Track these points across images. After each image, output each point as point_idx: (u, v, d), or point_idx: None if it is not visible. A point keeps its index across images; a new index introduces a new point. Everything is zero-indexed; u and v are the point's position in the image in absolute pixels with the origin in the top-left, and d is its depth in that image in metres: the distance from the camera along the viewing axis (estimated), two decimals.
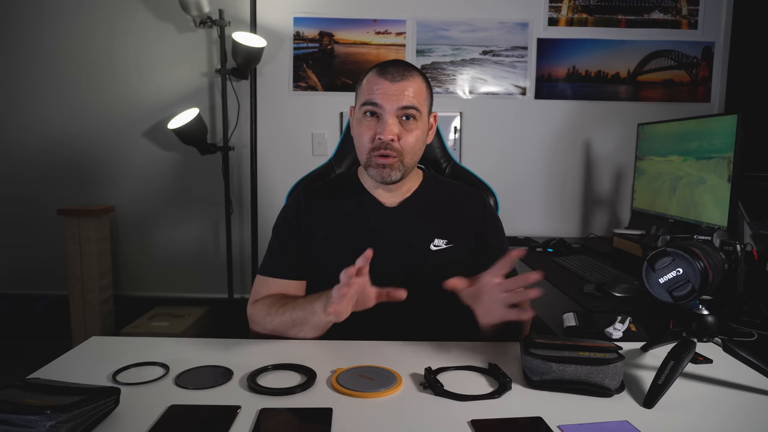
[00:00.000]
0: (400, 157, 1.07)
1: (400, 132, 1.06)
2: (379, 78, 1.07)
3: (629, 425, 0.71)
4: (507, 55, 2.59)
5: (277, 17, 2.55)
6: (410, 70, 1.09)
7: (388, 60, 1.12)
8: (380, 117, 1.06)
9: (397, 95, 1.05)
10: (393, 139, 1.05)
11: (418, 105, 1.07)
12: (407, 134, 1.07)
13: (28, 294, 2.70)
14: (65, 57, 2.55)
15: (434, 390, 0.79)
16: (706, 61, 2.59)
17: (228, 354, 0.93)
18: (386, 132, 1.04)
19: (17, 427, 0.61)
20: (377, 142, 1.05)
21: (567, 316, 1.26)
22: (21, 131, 2.60)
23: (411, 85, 1.06)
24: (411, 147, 1.08)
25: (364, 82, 1.10)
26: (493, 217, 1.21)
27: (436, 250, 1.12)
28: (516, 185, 2.64)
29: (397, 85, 1.05)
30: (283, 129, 2.61)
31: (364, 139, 1.08)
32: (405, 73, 1.07)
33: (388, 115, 1.05)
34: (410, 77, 1.07)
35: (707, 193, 1.74)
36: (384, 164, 1.06)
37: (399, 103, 1.05)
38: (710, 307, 0.86)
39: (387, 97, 1.05)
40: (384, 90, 1.05)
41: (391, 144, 1.05)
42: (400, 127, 1.06)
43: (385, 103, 1.05)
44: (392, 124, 1.05)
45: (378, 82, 1.06)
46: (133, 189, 2.64)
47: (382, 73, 1.07)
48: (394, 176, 1.08)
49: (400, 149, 1.06)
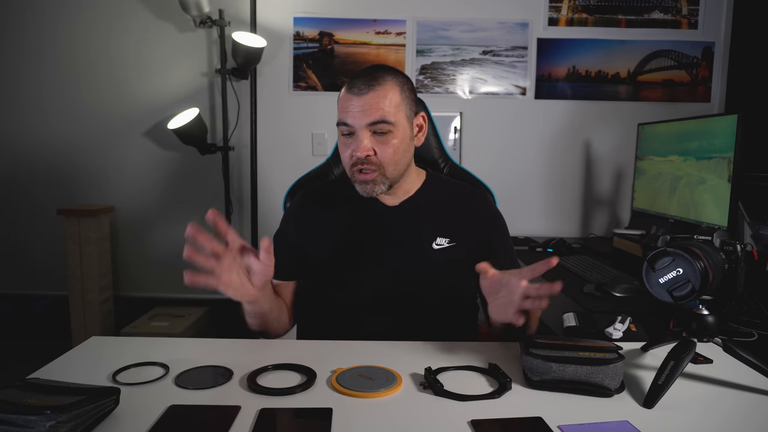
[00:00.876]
0: (380, 170, 1.05)
1: (375, 145, 1.04)
2: (347, 93, 1.05)
3: (629, 425, 0.71)
4: (507, 55, 2.59)
5: (277, 17, 2.55)
6: (378, 78, 1.04)
7: (360, 70, 1.09)
8: (354, 133, 1.05)
9: (364, 110, 1.02)
10: (369, 154, 1.04)
11: (389, 116, 1.03)
12: (383, 146, 1.04)
13: (28, 294, 2.69)
14: (65, 57, 2.55)
15: (434, 390, 0.79)
16: (706, 61, 2.59)
17: (228, 354, 0.93)
18: (360, 149, 1.03)
19: (17, 427, 0.61)
20: (354, 158, 1.05)
21: (567, 316, 1.26)
22: (21, 131, 2.60)
23: (378, 96, 1.03)
24: (390, 158, 1.05)
25: (339, 100, 1.08)
26: (498, 218, 1.21)
27: (439, 249, 1.12)
28: (516, 185, 2.64)
29: (363, 100, 1.02)
30: (283, 129, 2.61)
31: (344, 156, 1.08)
32: (372, 83, 1.03)
33: (359, 131, 1.03)
34: (378, 87, 1.03)
35: (707, 193, 1.74)
36: (365, 180, 1.06)
37: (367, 119, 1.02)
38: (710, 307, 0.86)
39: (354, 115, 1.03)
40: (351, 107, 1.03)
41: (369, 159, 1.04)
42: (374, 140, 1.04)
43: (353, 121, 1.03)
44: (365, 139, 1.03)
45: (347, 99, 1.04)
46: (133, 189, 2.64)
47: (349, 87, 1.05)
48: (378, 190, 1.07)
49: (379, 162, 1.05)
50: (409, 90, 1.09)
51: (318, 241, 1.14)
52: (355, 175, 1.07)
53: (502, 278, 0.89)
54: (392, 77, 1.06)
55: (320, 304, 1.16)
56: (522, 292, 0.85)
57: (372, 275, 1.11)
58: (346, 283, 1.12)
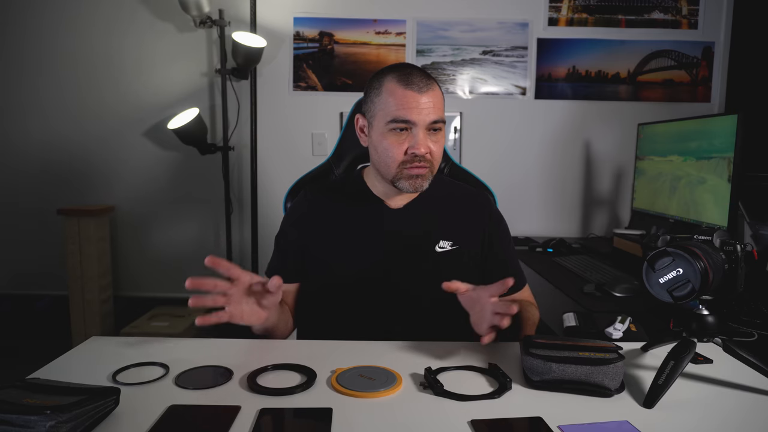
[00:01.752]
0: (431, 167, 1.07)
1: (430, 143, 1.06)
2: (405, 89, 1.04)
3: (629, 425, 0.71)
4: (507, 55, 2.59)
5: (277, 17, 2.55)
6: (430, 78, 1.07)
7: (404, 65, 1.08)
8: (410, 131, 1.05)
9: (427, 109, 1.04)
10: (427, 152, 1.05)
11: (443, 117, 1.07)
12: (435, 145, 1.07)
13: (28, 294, 2.69)
14: (65, 57, 2.55)
15: (434, 390, 0.79)
16: (706, 61, 2.59)
17: (228, 354, 0.93)
18: (420, 146, 1.04)
19: (17, 427, 0.61)
20: (409, 156, 1.05)
21: (567, 316, 1.26)
22: (21, 131, 2.60)
23: (435, 96, 1.05)
24: (439, 156, 1.09)
25: (385, 92, 1.06)
26: (500, 219, 1.21)
27: (442, 251, 1.12)
28: (516, 185, 2.64)
29: (427, 97, 1.04)
30: (283, 129, 2.61)
31: (394, 153, 1.06)
32: (428, 82, 1.05)
33: (419, 129, 1.04)
34: (433, 87, 1.06)
35: (707, 193, 1.74)
36: (418, 174, 1.06)
37: (429, 118, 1.04)
38: (710, 307, 0.86)
39: (418, 112, 1.03)
40: (414, 104, 1.03)
41: (424, 156, 1.05)
42: (429, 138, 1.06)
43: (416, 118, 1.03)
44: (424, 137, 1.04)
45: (406, 95, 1.03)
46: (133, 189, 2.64)
47: (406, 83, 1.04)
48: (425, 185, 1.08)
49: (431, 159, 1.07)
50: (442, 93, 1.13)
51: (320, 243, 1.14)
52: (404, 171, 1.06)
53: (473, 294, 0.93)
54: (434, 80, 1.09)
55: (322, 305, 1.16)
56: (491, 308, 0.88)
57: (374, 277, 1.11)
58: (348, 285, 1.12)
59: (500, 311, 0.86)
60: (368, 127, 1.11)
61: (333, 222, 1.15)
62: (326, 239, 1.14)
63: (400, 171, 1.07)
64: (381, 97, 1.06)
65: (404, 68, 1.07)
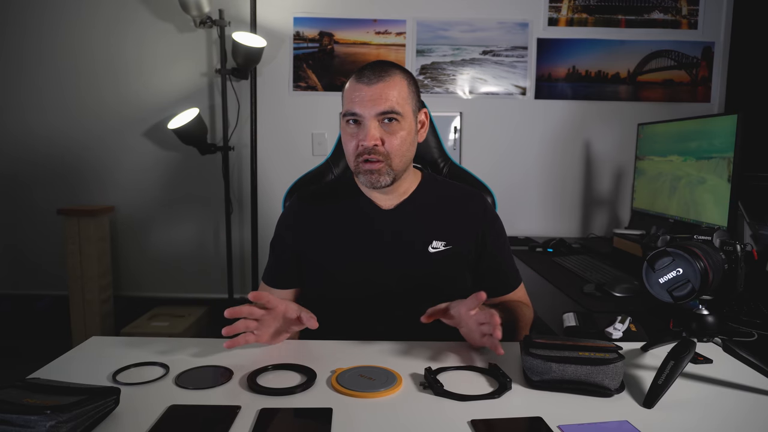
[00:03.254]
0: (387, 161, 1.05)
1: (382, 135, 1.04)
2: (357, 83, 1.05)
3: (629, 425, 0.71)
4: (507, 55, 2.59)
5: (277, 17, 2.55)
6: (388, 70, 1.05)
7: (368, 62, 1.09)
8: (361, 123, 1.05)
9: (374, 100, 1.03)
10: (376, 144, 1.04)
11: (397, 107, 1.04)
12: (391, 137, 1.04)
13: (28, 294, 2.70)
14: (65, 57, 2.55)
15: (434, 390, 0.79)
16: (706, 61, 2.59)
17: (228, 354, 0.93)
18: (368, 138, 1.03)
19: (17, 427, 0.61)
20: (361, 148, 1.04)
21: (567, 316, 1.26)
22: (21, 131, 2.60)
23: (388, 87, 1.04)
24: (397, 149, 1.05)
25: (345, 89, 1.08)
26: (494, 219, 1.20)
27: (435, 252, 1.12)
28: (516, 185, 2.64)
29: (374, 89, 1.03)
30: (283, 129, 2.61)
31: (349, 147, 1.07)
32: (382, 74, 1.04)
33: (367, 120, 1.03)
34: (387, 78, 1.04)
35: (707, 193, 1.74)
36: (371, 170, 1.05)
37: (377, 109, 1.03)
38: (710, 307, 0.86)
39: (364, 104, 1.03)
40: (361, 96, 1.03)
41: (376, 149, 1.04)
42: (382, 130, 1.04)
43: (362, 110, 1.03)
44: (373, 128, 1.03)
45: (356, 89, 1.04)
46: (133, 189, 2.64)
47: (358, 77, 1.05)
48: (383, 181, 1.06)
49: (386, 152, 1.05)
50: (414, 85, 1.11)
51: (313, 246, 1.14)
52: (360, 166, 1.06)
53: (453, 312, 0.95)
54: (400, 71, 1.08)
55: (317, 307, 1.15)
56: (475, 320, 0.91)
57: (369, 278, 1.11)
58: (343, 286, 1.12)
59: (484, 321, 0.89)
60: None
61: (325, 224, 1.15)
62: (319, 242, 1.14)
63: (356, 165, 1.07)
64: (343, 94, 1.09)
65: (366, 65, 1.08)
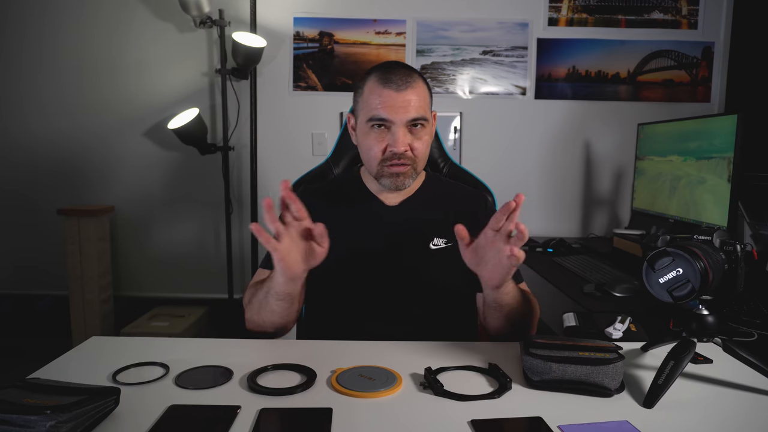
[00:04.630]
0: (413, 164, 1.08)
1: (410, 141, 1.06)
2: (383, 88, 1.04)
3: (629, 425, 0.71)
4: (507, 55, 2.59)
5: (277, 17, 2.55)
6: (412, 75, 1.07)
7: (387, 64, 1.09)
8: (389, 129, 1.05)
9: (405, 107, 1.04)
10: (406, 150, 1.05)
11: (425, 113, 1.06)
12: (418, 141, 1.07)
13: (28, 294, 2.69)
14: (65, 57, 2.55)
15: (434, 390, 0.79)
16: (706, 61, 2.59)
17: (228, 354, 0.93)
18: (398, 144, 1.04)
19: (17, 427, 0.61)
20: (389, 153, 1.05)
21: (567, 316, 1.26)
22: (21, 131, 2.60)
23: (416, 93, 1.05)
24: (422, 153, 1.09)
25: (366, 91, 1.07)
26: None
27: (436, 249, 1.12)
28: (516, 185, 2.64)
29: (403, 95, 1.04)
30: (283, 129, 2.61)
31: (374, 151, 1.07)
32: (408, 80, 1.05)
33: (397, 127, 1.04)
34: (414, 84, 1.06)
35: (707, 193, 1.74)
36: (398, 173, 1.07)
37: (408, 116, 1.04)
38: (710, 307, 0.86)
39: (395, 110, 1.03)
40: (390, 102, 1.03)
41: (405, 154, 1.05)
42: (410, 136, 1.06)
43: (393, 116, 1.04)
44: (403, 135, 1.04)
45: (382, 94, 1.04)
46: (133, 189, 2.64)
47: (385, 82, 1.05)
48: (407, 183, 1.09)
49: (413, 157, 1.07)
50: (430, 89, 1.12)
51: None
52: (384, 169, 1.07)
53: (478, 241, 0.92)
54: (420, 77, 1.09)
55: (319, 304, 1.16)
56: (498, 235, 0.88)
57: (371, 274, 1.11)
58: (344, 283, 1.12)
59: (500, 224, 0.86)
60: (356, 125, 1.13)
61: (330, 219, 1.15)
62: None
63: (381, 169, 1.08)
64: (363, 96, 1.08)
65: (386, 67, 1.08)
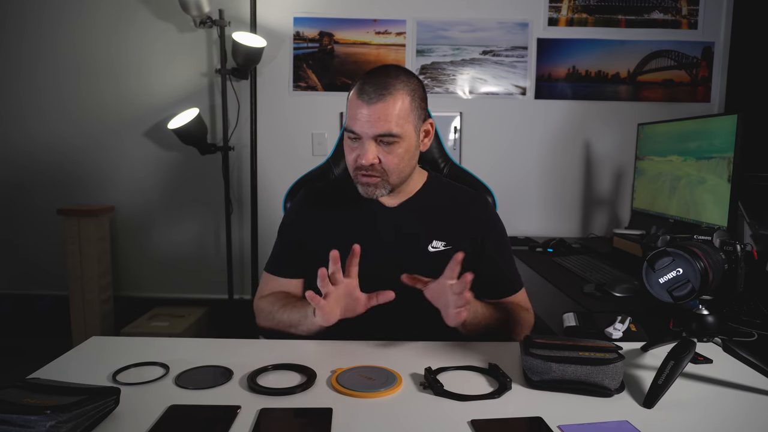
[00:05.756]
0: (383, 176, 1.06)
1: (380, 154, 1.04)
2: (357, 99, 1.04)
3: (629, 425, 0.71)
4: (507, 55, 2.59)
5: (277, 17, 2.55)
6: (389, 87, 1.03)
7: (373, 71, 1.08)
8: (360, 139, 1.05)
9: (372, 122, 1.02)
10: (373, 163, 1.04)
11: (395, 129, 1.02)
12: (388, 155, 1.05)
13: (28, 294, 2.69)
14: (65, 57, 2.55)
15: (434, 390, 0.79)
16: (706, 61, 2.59)
17: (228, 354, 0.93)
18: (365, 158, 1.03)
19: (17, 427, 0.61)
20: (359, 163, 1.05)
21: (567, 316, 1.26)
22: (21, 131, 2.60)
23: (387, 107, 1.01)
24: (395, 167, 1.06)
25: (350, 99, 1.08)
26: (495, 222, 1.20)
27: (434, 251, 1.12)
28: (516, 185, 2.64)
29: (373, 109, 1.02)
30: (283, 129, 2.61)
31: (348, 158, 1.09)
32: (383, 92, 1.02)
33: (365, 141, 1.03)
34: (388, 97, 1.02)
35: (707, 193, 1.74)
36: (367, 183, 1.07)
37: (374, 131, 1.02)
38: (710, 307, 0.86)
39: (362, 125, 1.03)
40: (360, 116, 1.03)
41: (373, 167, 1.05)
42: (380, 149, 1.04)
43: (361, 130, 1.03)
44: (371, 149, 1.03)
45: (356, 105, 1.04)
46: (133, 189, 2.64)
47: (360, 93, 1.04)
48: (378, 193, 1.08)
49: (383, 170, 1.06)
50: (419, 98, 1.08)
51: (318, 241, 1.14)
52: (357, 177, 1.08)
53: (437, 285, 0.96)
54: (404, 84, 1.05)
55: None
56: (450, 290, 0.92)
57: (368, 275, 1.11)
58: None
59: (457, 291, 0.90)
60: None
61: (330, 220, 1.16)
62: (323, 237, 1.14)
63: (355, 176, 1.09)
64: (347, 103, 1.09)
65: (368, 76, 1.06)
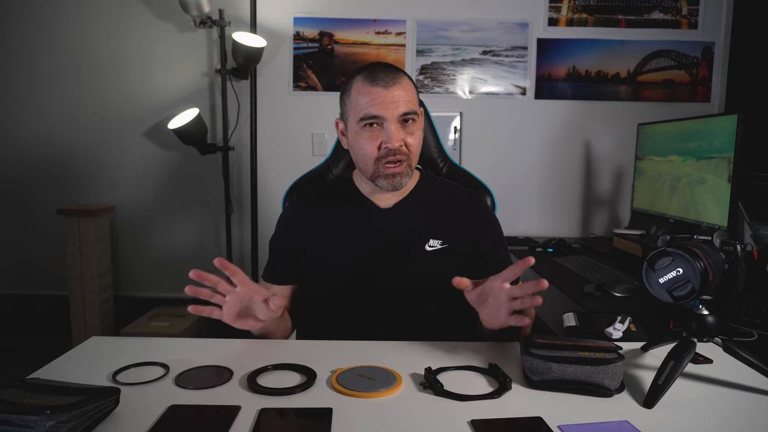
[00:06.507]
0: (407, 160, 1.07)
1: (404, 136, 1.06)
2: (371, 87, 1.05)
3: (629, 425, 0.71)
4: (507, 55, 2.59)
5: (277, 17, 2.55)
6: (398, 72, 1.07)
7: (371, 65, 1.09)
8: (381, 125, 1.05)
9: (395, 102, 1.04)
10: (401, 145, 1.05)
11: (415, 108, 1.07)
12: (410, 137, 1.07)
13: (28, 294, 2.70)
14: (65, 57, 2.55)
15: (434, 390, 0.79)
16: (706, 61, 2.59)
17: (228, 354, 0.93)
18: (393, 139, 1.04)
19: (17, 427, 0.61)
20: (384, 150, 1.05)
21: (567, 316, 1.26)
22: (21, 131, 2.60)
23: (403, 89, 1.06)
24: (415, 148, 1.09)
25: (354, 93, 1.07)
26: (491, 219, 1.20)
27: (431, 250, 1.12)
28: (516, 185, 2.64)
29: (391, 92, 1.04)
30: (283, 129, 2.61)
31: (368, 149, 1.06)
32: (395, 76, 1.06)
33: (390, 123, 1.04)
34: (400, 80, 1.06)
35: (707, 193, 1.74)
36: (394, 173, 1.06)
37: (399, 110, 1.04)
38: (710, 307, 0.86)
39: (386, 106, 1.03)
40: (380, 99, 1.03)
41: (399, 149, 1.05)
42: (402, 131, 1.06)
43: (385, 112, 1.04)
44: (396, 130, 1.04)
45: (371, 92, 1.04)
46: (133, 189, 2.64)
47: (372, 80, 1.05)
48: (404, 182, 1.09)
49: (407, 152, 1.07)
50: (416, 85, 1.13)
51: (311, 245, 1.14)
52: (381, 169, 1.07)
53: (485, 286, 0.91)
54: (404, 73, 1.10)
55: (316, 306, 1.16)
56: (507, 294, 0.87)
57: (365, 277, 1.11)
58: (341, 284, 1.12)
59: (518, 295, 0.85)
60: (345, 129, 1.13)
61: (323, 224, 1.16)
62: (318, 240, 1.14)
63: (376, 169, 1.07)
64: (351, 98, 1.08)
65: (370, 67, 1.08)
